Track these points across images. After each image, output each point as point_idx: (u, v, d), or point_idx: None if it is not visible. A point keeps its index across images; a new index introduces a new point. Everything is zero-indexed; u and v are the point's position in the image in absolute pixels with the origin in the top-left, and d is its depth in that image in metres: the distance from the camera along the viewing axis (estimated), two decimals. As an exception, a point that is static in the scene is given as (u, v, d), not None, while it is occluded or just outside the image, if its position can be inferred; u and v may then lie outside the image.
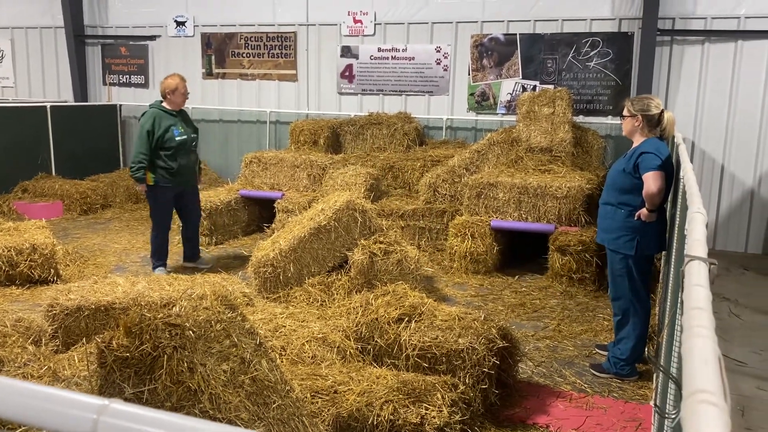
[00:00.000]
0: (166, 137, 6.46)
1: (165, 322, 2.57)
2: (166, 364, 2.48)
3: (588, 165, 8.29)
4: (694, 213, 1.75)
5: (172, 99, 6.61)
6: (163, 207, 6.71)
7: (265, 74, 11.12)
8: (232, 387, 2.66)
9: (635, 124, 4.54)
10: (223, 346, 2.76)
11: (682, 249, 2.44)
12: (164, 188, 6.57)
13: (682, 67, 8.77)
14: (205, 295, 2.94)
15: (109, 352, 2.53)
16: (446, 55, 9.91)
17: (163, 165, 6.49)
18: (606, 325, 5.78)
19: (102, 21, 12.13)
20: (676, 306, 1.81)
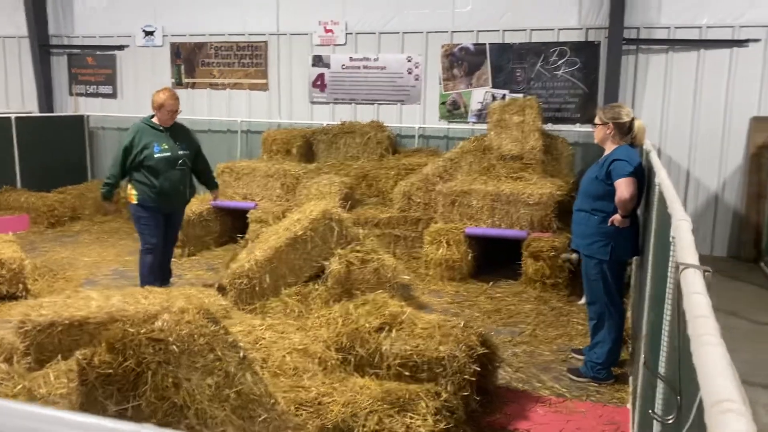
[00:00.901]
0: (144, 154, 5.97)
1: (148, 337, 2.53)
2: (150, 379, 2.45)
3: (558, 172, 8.42)
4: (680, 221, 1.80)
5: (159, 115, 6.11)
6: (149, 227, 6.14)
7: (236, 83, 11.05)
8: (218, 401, 2.63)
9: (607, 132, 4.64)
10: (207, 360, 2.74)
11: (663, 255, 2.51)
12: (149, 208, 6.06)
13: (647, 75, 8.98)
14: (187, 308, 2.91)
15: (90, 369, 2.49)
16: (417, 64, 9.98)
17: (147, 183, 6.01)
18: (580, 330, 5.86)
19: (68, 30, 11.94)
20: (662, 312, 1.86)
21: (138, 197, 6.05)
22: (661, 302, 2.41)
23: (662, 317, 2.01)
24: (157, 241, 6.19)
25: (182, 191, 6.27)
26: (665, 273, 2.30)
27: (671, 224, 2.02)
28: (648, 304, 3.23)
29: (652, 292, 3.04)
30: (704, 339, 0.98)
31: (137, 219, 6.19)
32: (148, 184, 6.02)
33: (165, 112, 6.09)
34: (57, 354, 4.37)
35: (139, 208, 6.09)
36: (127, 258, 8.05)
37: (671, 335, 1.64)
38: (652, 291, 3.06)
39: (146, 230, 6.16)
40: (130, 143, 6.01)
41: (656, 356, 2.24)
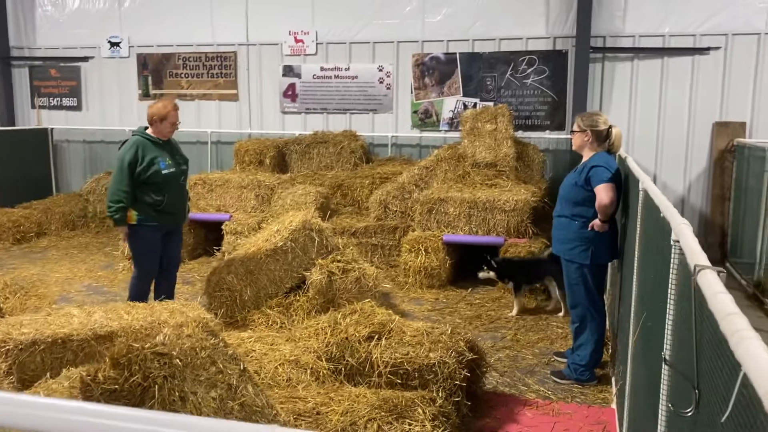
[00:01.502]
0: (151, 170, 5.45)
1: (153, 352, 2.52)
2: (157, 394, 2.43)
3: (530, 178, 8.58)
4: (681, 225, 1.87)
5: (159, 128, 5.56)
6: (150, 249, 5.67)
7: (205, 94, 10.97)
8: (223, 414, 2.62)
9: (585, 139, 4.76)
10: (210, 373, 2.73)
11: (652, 259, 2.59)
12: (150, 227, 5.57)
13: (614, 82, 9.22)
14: (186, 322, 2.89)
15: (95, 386, 2.46)
16: (389, 73, 10.06)
17: (150, 201, 5.51)
18: (560, 333, 5.97)
19: (29, 42, 11.69)
20: (663, 312, 1.93)
21: (138, 217, 5.52)
22: (656, 303, 2.49)
23: (665, 317, 2.09)
24: (155, 266, 5.77)
25: (184, 207, 5.95)
26: (661, 276, 2.38)
27: (670, 229, 2.09)
28: (635, 306, 3.32)
29: (640, 294, 3.14)
30: (743, 334, 1.04)
31: (138, 241, 5.64)
32: (151, 202, 5.53)
33: (167, 125, 5.58)
34: (40, 373, 4.28)
35: (141, 228, 5.56)
36: (100, 273, 7.91)
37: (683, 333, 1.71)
38: (640, 293, 3.16)
39: (148, 254, 5.68)
40: (133, 158, 5.44)
41: (655, 354, 2.32)
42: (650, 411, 2.37)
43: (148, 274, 5.77)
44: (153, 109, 5.60)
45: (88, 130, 11.53)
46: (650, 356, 2.54)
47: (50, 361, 4.34)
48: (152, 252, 5.70)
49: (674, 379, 1.87)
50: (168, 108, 5.57)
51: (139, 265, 5.75)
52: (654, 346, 2.52)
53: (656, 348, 2.50)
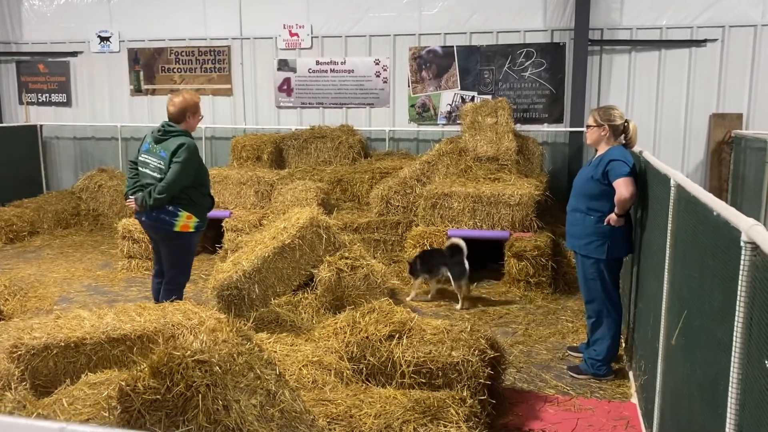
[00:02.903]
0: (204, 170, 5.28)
1: (194, 360, 2.44)
2: (201, 403, 2.36)
3: (531, 172, 8.56)
4: (754, 226, 1.84)
5: (190, 122, 5.16)
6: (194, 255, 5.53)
7: (198, 89, 10.78)
8: (264, 421, 2.56)
9: (602, 133, 4.73)
10: (249, 379, 2.66)
11: (691, 256, 2.57)
12: (202, 232, 5.39)
13: (611, 75, 9.23)
14: (219, 326, 2.82)
15: (135, 396, 2.38)
16: (385, 67, 9.98)
17: (205, 203, 5.28)
18: (571, 327, 5.97)
19: (16, 37, 11.44)
20: (740, 313, 1.90)
21: (197, 224, 5.20)
22: (706, 302, 2.47)
23: (720, 317, 2.06)
24: None
25: None
26: (714, 274, 2.35)
27: (728, 227, 2.07)
28: (667, 304, 3.30)
29: (676, 292, 3.11)
30: None
31: (190, 249, 5.32)
32: (206, 203, 5.29)
33: (198, 118, 5.23)
34: (53, 378, 4.18)
35: (195, 235, 5.26)
36: (98, 273, 7.77)
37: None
38: (676, 290, 3.13)
39: (192, 261, 5.46)
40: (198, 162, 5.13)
41: (705, 353, 2.31)
42: (705, 410, 2.35)
43: (185, 282, 5.52)
44: (184, 102, 5.07)
45: (78, 126, 11.33)
46: (701, 356, 2.52)
47: (63, 366, 4.25)
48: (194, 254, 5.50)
49: (750, 379, 1.85)
50: (197, 99, 5.20)
51: (187, 273, 5.46)
52: (703, 346, 2.50)
53: (705, 348, 2.48)
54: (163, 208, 5.07)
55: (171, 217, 5.09)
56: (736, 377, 1.95)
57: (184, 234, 5.15)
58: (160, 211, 5.07)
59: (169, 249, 5.30)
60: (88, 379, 3.58)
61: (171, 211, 5.08)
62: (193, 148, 5.08)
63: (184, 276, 5.51)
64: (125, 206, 9.63)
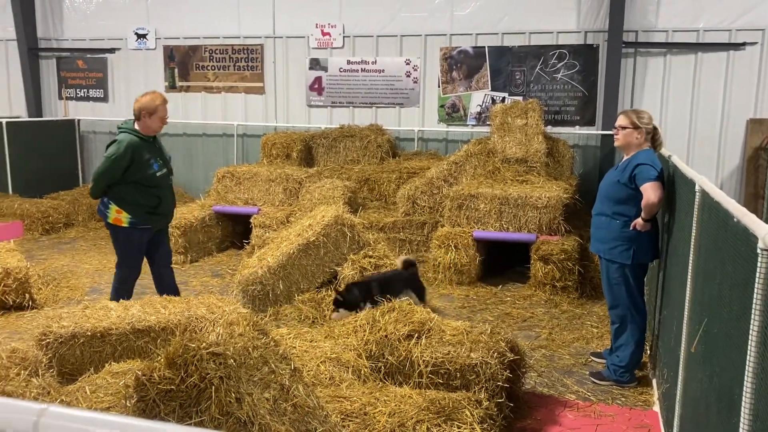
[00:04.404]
0: (146, 172, 5.25)
1: (209, 352, 2.48)
2: (214, 395, 2.40)
3: (560, 174, 8.47)
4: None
5: (147, 123, 5.25)
6: (139, 251, 5.47)
7: (231, 87, 10.96)
8: (277, 415, 2.59)
9: (636, 136, 4.64)
10: (263, 373, 2.69)
11: (713, 262, 2.52)
12: (142, 230, 5.36)
13: (645, 78, 9.08)
14: (236, 320, 2.86)
15: (151, 385, 2.43)
16: (416, 67, 9.98)
17: (145, 203, 5.29)
18: (595, 332, 5.89)
19: (57, 33, 11.74)
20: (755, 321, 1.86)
21: (131, 219, 5.28)
22: (726, 310, 2.42)
23: (737, 325, 2.02)
24: (140, 269, 5.56)
25: (174, 207, 5.75)
26: (734, 282, 2.31)
27: (747, 234, 2.03)
28: (689, 311, 3.24)
29: (698, 299, 3.05)
30: None
31: (127, 243, 5.38)
32: (146, 204, 5.31)
33: (156, 120, 5.28)
34: (79, 366, 4.30)
35: (133, 231, 5.32)
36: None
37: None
38: (698, 298, 3.07)
39: (136, 256, 5.47)
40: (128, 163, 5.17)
41: (723, 362, 2.26)
42: (722, 419, 2.31)
43: (134, 276, 5.55)
44: (140, 102, 5.24)
45: (115, 121, 11.53)
46: (718, 364, 2.47)
47: (89, 355, 4.37)
48: (140, 254, 5.49)
49: (764, 388, 1.81)
50: (156, 102, 5.25)
51: (126, 267, 5.48)
52: (721, 354, 2.45)
53: (722, 356, 2.43)
54: (101, 200, 5.38)
55: (105, 209, 5.36)
56: (750, 386, 1.91)
57: (118, 227, 5.32)
58: (100, 202, 5.42)
59: (111, 238, 5.55)
60: (111, 368, 3.66)
61: (105, 202, 5.35)
62: (125, 146, 5.15)
63: (123, 270, 5.48)
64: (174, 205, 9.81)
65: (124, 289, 5.51)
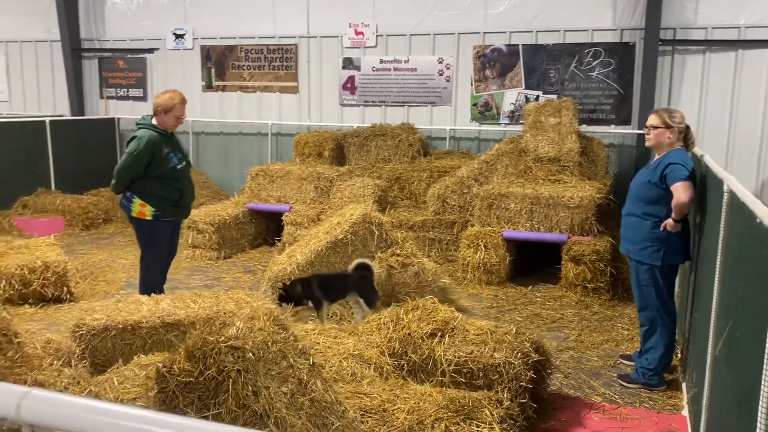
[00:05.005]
0: (167, 166, 5.44)
1: (227, 345, 2.53)
2: (231, 388, 2.45)
3: (594, 174, 8.35)
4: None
5: (163, 119, 5.45)
6: (162, 243, 5.68)
7: (266, 86, 11.09)
8: (294, 409, 2.63)
9: (669, 135, 4.56)
10: (281, 367, 2.73)
11: (744, 264, 2.46)
12: (165, 222, 5.58)
13: (683, 76, 8.88)
14: (257, 314, 2.91)
15: (171, 377, 2.49)
16: (449, 66, 9.95)
17: (168, 196, 5.49)
18: (626, 335, 5.80)
19: (99, 34, 12.05)
20: None
21: (155, 212, 5.47)
22: (748, 313, 2.37)
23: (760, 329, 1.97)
24: (163, 260, 5.80)
25: (193, 200, 5.93)
26: (755, 285, 2.26)
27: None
28: (716, 313, 3.17)
29: (724, 302, 2.99)
30: None
31: (152, 236, 5.58)
32: (169, 197, 5.50)
33: (172, 118, 5.48)
34: (110, 358, 4.42)
35: (156, 223, 5.52)
36: (164, 260, 8.09)
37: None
38: (724, 300, 3.01)
39: (159, 248, 5.66)
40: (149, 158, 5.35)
41: (745, 366, 2.21)
42: (743, 424, 2.26)
43: (159, 267, 5.76)
44: (159, 99, 5.48)
45: (153, 120, 11.81)
46: (739, 368, 2.42)
47: (120, 347, 4.49)
48: (163, 245, 5.69)
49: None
50: (175, 101, 5.46)
51: (152, 260, 5.68)
52: (743, 358, 2.40)
53: (744, 360, 2.37)
54: (124, 194, 5.54)
55: (128, 203, 5.51)
56: (766, 390, 1.87)
57: (141, 220, 5.50)
58: (123, 197, 5.57)
59: (135, 232, 5.75)
60: (140, 360, 3.75)
61: (128, 196, 5.51)
62: (145, 142, 5.35)
63: (148, 262, 5.71)
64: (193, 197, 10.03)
65: (150, 282, 5.69)
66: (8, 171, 9.78)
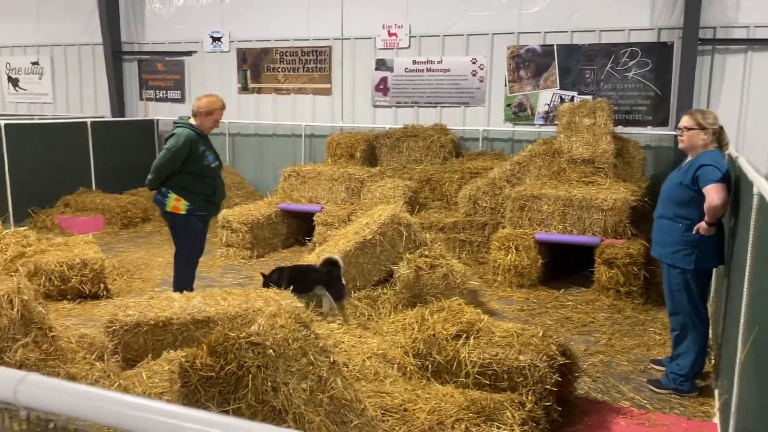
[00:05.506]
0: (201, 163, 5.65)
1: (248, 342, 2.58)
2: (251, 383, 2.50)
3: (630, 176, 8.21)
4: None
5: (202, 121, 5.69)
6: (197, 238, 5.91)
7: (300, 88, 11.20)
8: (312, 406, 2.66)
9: (704, 137, 4.46)
10: (301, 364, 2.77)
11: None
12: (198, 217, 5.78)
13: (724, 76, 8.67)
14: (279, 312, 2.95)
15: (193, 372, 2.55)
16: (482, 66, 9.90)
17: (202, 192, 5.70)
18: (658, 340, 5.69)
19: (139, 37, 12.34)
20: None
21: (189, 207, 5.66)
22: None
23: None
24: (199, 255, 6.03)
25: (224, 197, 6.18)
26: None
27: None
28: (745, 318, 3.10)
29: (752, 306, 2.92)
30: None
31: (186, 231, 5.80)
32: (203, 193, 5.71)
33: (210, 121, 5.73)
34: (142, 353, 4.53)
35: (190, 218, 5.72)
36: (200, 259, 8.24)
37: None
38: (752, 305, 2.94)
39: (195, 243, 5.90)
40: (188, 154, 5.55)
41: None
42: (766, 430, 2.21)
43: (194, 262, 6.01)
44: (201, 102, 5.73)
45: (190, 121, 12.04)
46: (763, 373, 2.36)
47: (152, 343, 4.59)
48: (198, 240, 5.94)
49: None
50: (216, 105, 5.74)
51: (187, 254, 5.90)
52: (766, 363, 2.34)
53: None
54: (159, 190, 5.72)
55: (162, 198, 5.70)
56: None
57: (176, 215, 5.70)
58: (157, 192, 5.74)
59: (169, 227, 5.96)
60: (169, 355, 3.84)
61: (163, 192, 5.69)
62: (183, 139, 5.56)
63: (184, 257, 5.93)
64: (227, 197, 10.21)
65: (186, 276, 5.93)
66: (52, 170, 10.08)
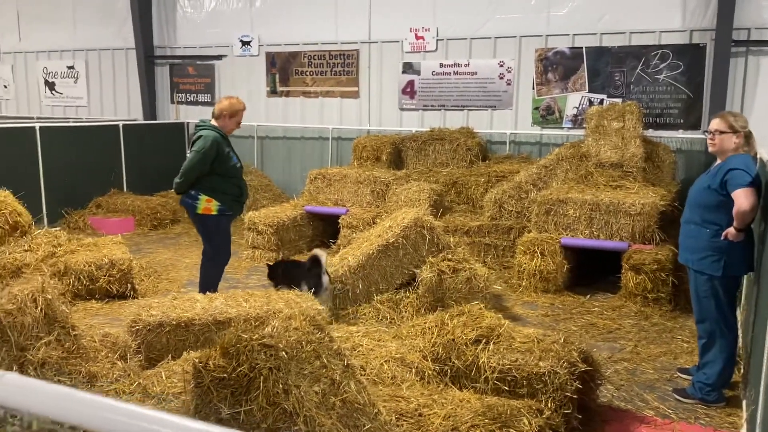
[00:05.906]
0: (228, 164, 5.76)
1: (260, 343, 2.59)
2: (262, 385, 2.50)
3: (660, 180, 8.06)
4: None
5: (226, 123, 5.79)
6: (227, 237, 6.03)
7: (328, 92, 11.26)
8: (324, 409, 2.66)
9: (736, 141, 4.36)
10: (314, 367, 2.77)
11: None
12: (228, 217, 5.91)
13: (758, 79, 8.45)
14: (294, 314, 2.96)
15: (206, 373, 2.57)
16: (510, 69, 9.83)
17: (230, 192, 5.82)
18: (686, 348, 5.57)
19: (170, 41, 12.55)
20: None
21: (219, 207, 5.77)
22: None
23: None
24: (229, 254, 6.10)
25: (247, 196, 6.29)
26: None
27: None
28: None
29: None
30: None
31: (218, 231, 5.91)
32: (231, 193, 5.82)
33: (234, 123, 5.84)
34: (164, 353, 4.58)
35: (221, 218, 5.84)
36: (225, 260, 8.34)
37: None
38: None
39: (226, 242, 6.01)
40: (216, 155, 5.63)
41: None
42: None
43: (224, 262, 6.11)
44: (224, 104, 5.82)
45: (220, 124, 12.18)
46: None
47: (174, 343, 4.64)
48: (229, 240, 6.04)
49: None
50: (239, 107, 5.85)
51: (219, 254, 6.01)
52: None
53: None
54: (187, 193, 5.79)
55: (193, 201, 5.78)
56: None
57: (207, 216, 5.79)
58: (186, 195, 5.81)
59: (198, 229, 6.07)
60: (189, 356, 3.88)
61: (192, 194, 5.77)
62: (211, 140, 5.64)
63: (215, 257, 6.02)
64: (255, 199, 10.31)
65: (214, 276, 6.04)
66: (85, 172, 10.30)
